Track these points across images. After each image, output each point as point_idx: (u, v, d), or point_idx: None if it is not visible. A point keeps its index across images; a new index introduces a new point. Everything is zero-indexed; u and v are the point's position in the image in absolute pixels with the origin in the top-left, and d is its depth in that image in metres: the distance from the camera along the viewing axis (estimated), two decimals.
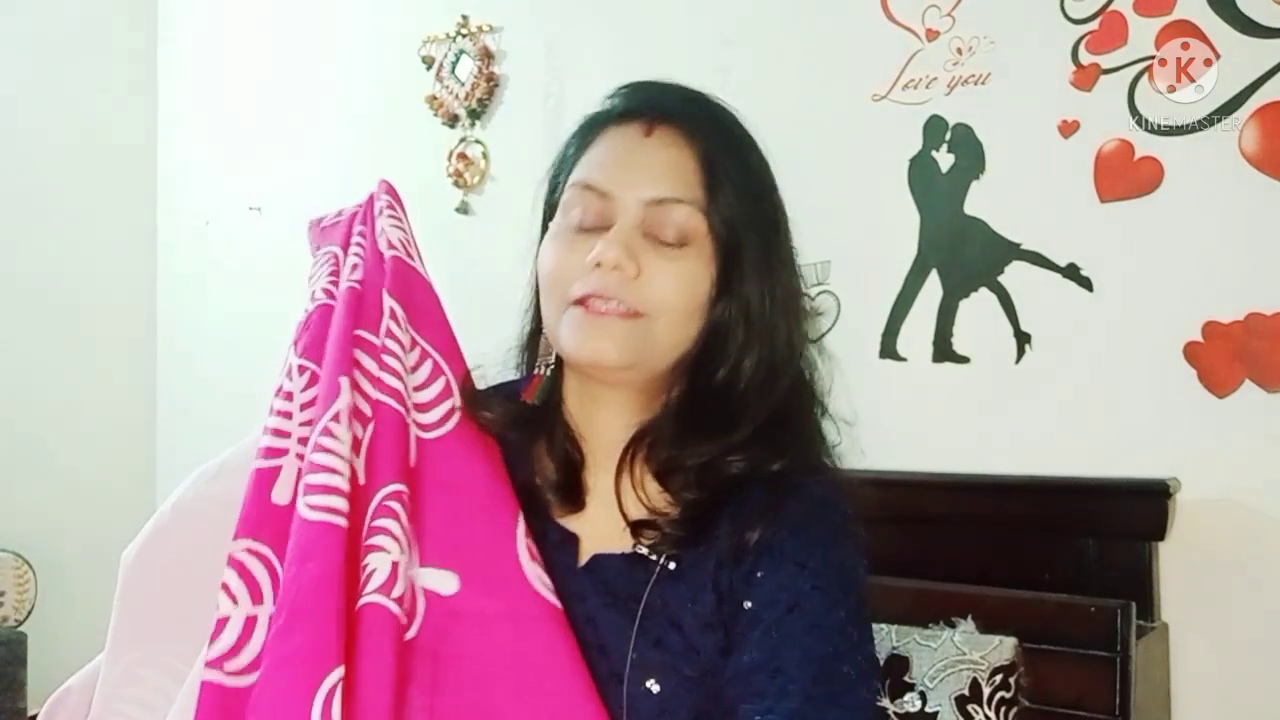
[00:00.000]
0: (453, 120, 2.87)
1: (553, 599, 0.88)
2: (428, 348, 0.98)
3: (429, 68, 2.90)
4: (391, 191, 1.08)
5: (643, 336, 0.89)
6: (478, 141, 2.84)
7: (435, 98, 2.88)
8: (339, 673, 0.79)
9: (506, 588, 0.88)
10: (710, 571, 0.91)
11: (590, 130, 0.94)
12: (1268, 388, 1.89)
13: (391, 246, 1.02)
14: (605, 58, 2.59)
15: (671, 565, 0.92)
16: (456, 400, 0.95)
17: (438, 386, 0.96)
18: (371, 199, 1.07)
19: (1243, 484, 1.89)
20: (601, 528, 0.95)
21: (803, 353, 0.97)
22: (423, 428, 0.94)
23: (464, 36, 2.85)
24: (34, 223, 3.21)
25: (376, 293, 0.99)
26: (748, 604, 0.89)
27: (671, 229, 0.88)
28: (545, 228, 0.97)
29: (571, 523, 0.96)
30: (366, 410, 0.93)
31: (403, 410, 0.93)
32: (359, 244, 1.03)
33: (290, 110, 3.22)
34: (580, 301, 0.89)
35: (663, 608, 0.91)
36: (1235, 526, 1.89)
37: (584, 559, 0.94)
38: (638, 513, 0.93)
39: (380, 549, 0.86)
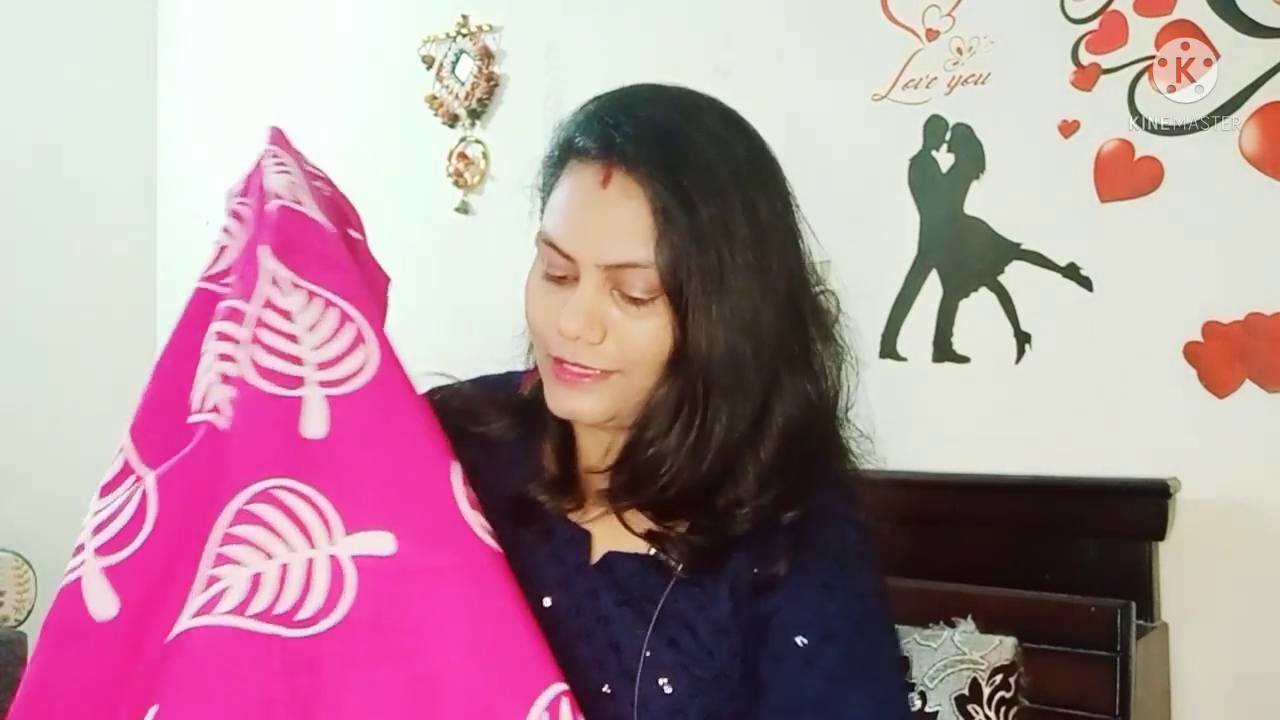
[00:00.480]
0: (453, 120, 2.86)
1: (495, 544, 0.83)
2: (332, 296, 0.88)
3: (429, 67, 2.90)
4: (279, 139, 0.99)
5: (619, 390, 0.90)
6: (478, 141, 2.84)
7: (435, 98, 2.88)
8: None
9: (451, 538, 0.83)
10: (726, 579, 0.91)
11: (563, 156, 0.92)
12: (1268, 388, 1.89)
13: (277, 196, 0.92)
14: (605, 58, 2.59)
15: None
16: (372, 346, 0.87)
17: (347, 336, 0.87)
18: (260, 159, 0.97)
19: (1243, 484, 1.89)
20: (613, 525, 0.94)
21: (803, 372, 0.95)
22: (332, 384, 0.85)
23: (464, 36, 2.85)
24: (34, 222, 3.21)
25: (251, 263, 0.90)
26: (777, 623, 0.88)
27: (636, 288, 0.87)
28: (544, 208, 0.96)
29: (581, 519, 0.96)
30: (225, 395, 0.85)
31: (283, 390, 0.85)
32: (229, 220, 0.95)
33: (290, 110, 3.21)
34: (556, 360, 0.90)
35: (677, 611, 0.91)
36: (1235, 526, 1.89)
37: (596, 556, 0.94)
38: (640, 524, 0.92)
39: (232, 561, 0.81)
